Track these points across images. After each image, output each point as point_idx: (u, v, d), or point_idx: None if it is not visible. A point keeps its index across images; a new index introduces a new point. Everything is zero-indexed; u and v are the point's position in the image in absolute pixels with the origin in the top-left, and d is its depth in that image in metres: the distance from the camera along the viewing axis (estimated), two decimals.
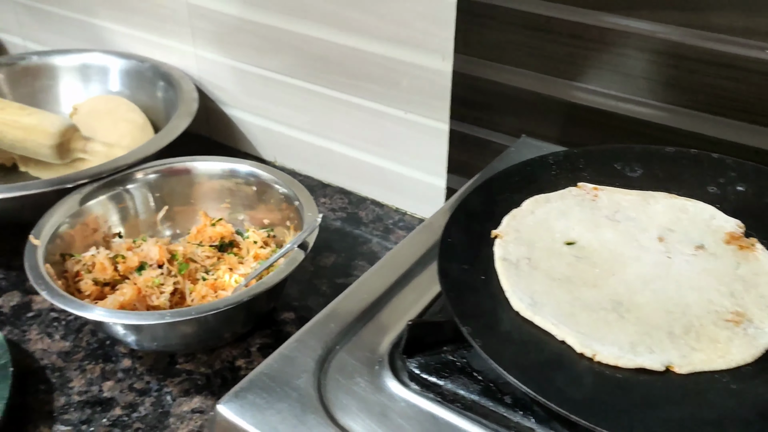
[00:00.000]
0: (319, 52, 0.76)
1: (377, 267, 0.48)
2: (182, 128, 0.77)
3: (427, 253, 0.49)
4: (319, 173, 0.87)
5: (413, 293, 0.45)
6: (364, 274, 0.47)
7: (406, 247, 0.50)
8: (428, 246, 0.49)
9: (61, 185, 0.69)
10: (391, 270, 0.47)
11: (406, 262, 0.48)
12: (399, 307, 0.44)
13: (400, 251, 0.49)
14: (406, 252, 0.49)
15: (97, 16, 0.94)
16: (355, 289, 0.45)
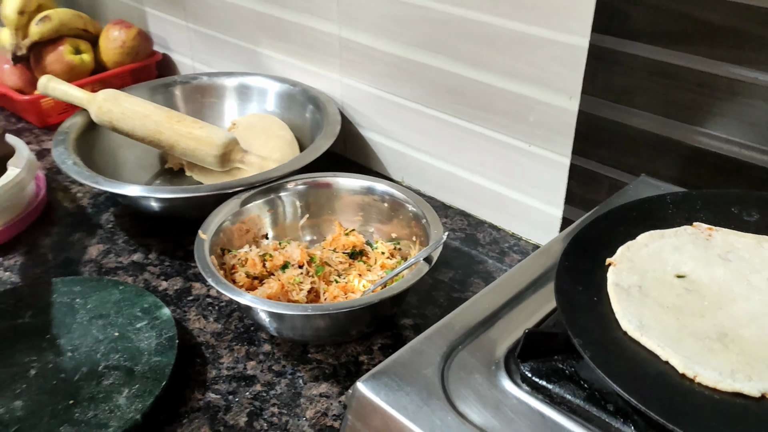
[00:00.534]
0: (452, 85, 0.84)
1: (499, 281, 0.53)
2: (326, 147, 0.87)
3: (544, 274, 0.54)
4: (442, 195, 0.94)
5: (529, 308, 0.51)
6: (488, 287, 0.53)
7: (525, 267, 0.55)
8: (545, 268, 0.55)
9: (222, 190, 0.80)
10: (510, 285, 0.53)
11: (524, 280, 0.53)
12: (516, 319, 0.50)
13: (520, 270, 0.55)
14: (525, 271, 0.55)
15: (259, 44, 1.06)
16: (478, 299, 0.51)
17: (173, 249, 0.85)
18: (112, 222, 0.90)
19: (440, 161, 0.91)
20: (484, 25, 0.77)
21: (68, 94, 0.95)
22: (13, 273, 0.81)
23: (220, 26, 1.11)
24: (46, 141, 1.09)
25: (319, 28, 0.95)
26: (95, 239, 0.87)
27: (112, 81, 1.16)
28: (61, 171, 0.98)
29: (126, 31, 1.16)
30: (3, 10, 1.09)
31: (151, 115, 0.91)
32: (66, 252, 0.85)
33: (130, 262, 0.83)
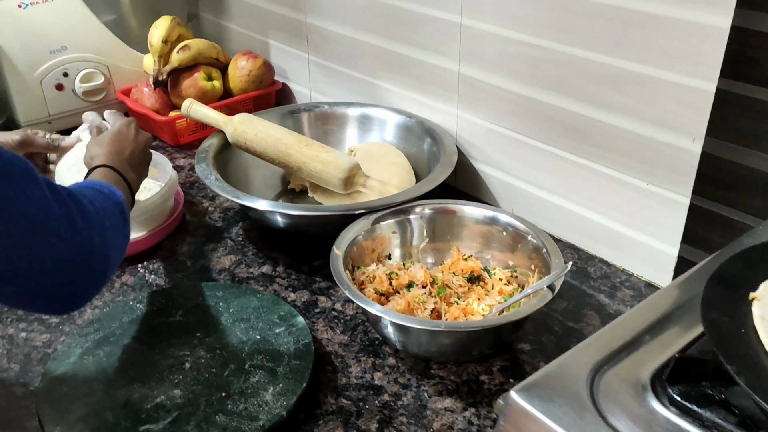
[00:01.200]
0: (570, 122, 0.88)
1: (639, 308, 0.57)
2: (443, 177, 0.92)
3: (680, 306, 0.57)
4: (551, 228, 0.97)
5: (669, 336, 0.54)
6: (628, 312, 0.56)
7: (661, 298, 0.58)
8: (681, 301, 0.57)
9: (349, 211, 0.86)
10: (649, 313, 0.56)
11: (661, 309, 0.56)
12: (658, 345, 0.53)
13: (657, 300, 0.58)
14: (661, 302, 0.57)
15: (377, 77, 1.14)
16: (621, 322, 0.55)
17: (298, 264, 0.92)
18: (242, 235, 0.98)
19: (552, 195, 0.95)
20: (608, 67, 0.81)
21: (207, 116, 1.04)
22: (157, 276, 0.89)
23: (340, 59, 1.19)
24: (179, 158, 1.18)
25: (440, 65, 1.01)
26: (227, 250, 0.94)
27: (237, 106, 1.26)
28: (201, 185, 1.07)
29: (252, 61, 1.26)
30: (150, 38, 1.20)
31: (283, 138, 0.98)
32: (202, 260, 0.92)
33: (260, 273, 0.90)
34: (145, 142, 0.85)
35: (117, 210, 0.67)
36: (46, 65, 1.18)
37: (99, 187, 0.67)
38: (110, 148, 0.79)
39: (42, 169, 0.92)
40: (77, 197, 0.60)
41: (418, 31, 1.02)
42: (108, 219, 0.63)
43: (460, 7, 0.94)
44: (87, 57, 1.22)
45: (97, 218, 0.61)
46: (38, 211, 0.54)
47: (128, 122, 0.85)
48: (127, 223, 0.69)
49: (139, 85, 1.25)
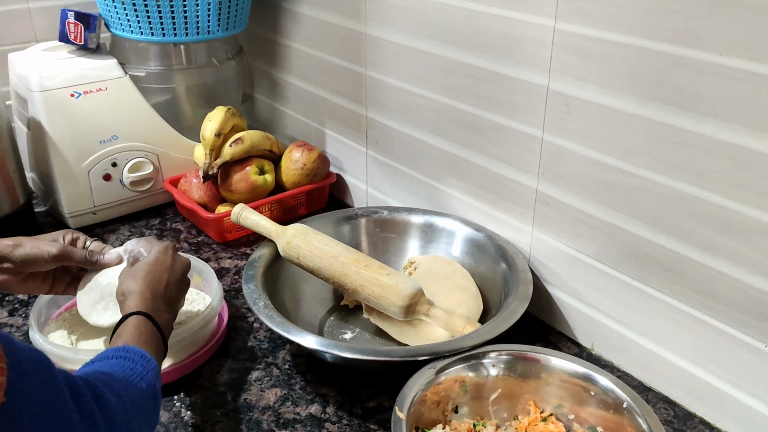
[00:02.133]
0: (669, 262, 0.76)
1: None
2: (521, 313, 0.81)
3: None
4: (638, 373, 0.85)
5: None
6: None
7: None
8: None
9: (411, 357, 0.75)
10: None
11: None
12: None
13: None
14: None
15: (443, 182, 1.04)
16: None
17: (350, 404, 0.82)
18: (289, 362, 0.88)
19: (641, 337, 0.83)
20: (721, 209, 0.70)
21: (259, 225, 0.96)
22: (194, 413, 0.80)
23: (402, 158, 1.11)
24: (224, 258, 1.11)
25: (515, 179, 0.92)
26: (272, 381, 0.85)
27: (288, 201, 1.18)
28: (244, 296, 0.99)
29: (308, 154, 1.18)
30: (203, 131, 1.14)
31: (339, 256, 0.89)
32: (244, 393, 0.83)
33: (307, 415, 0.80)
34: (182, 271, 0.78)
35: (149, 394, 0.59)
36: (95, 155, 1.13)
37: (131, 368, 0.60)
38: (145, 282, 0.72)
39: (75, 276, 0.85)
40: (104, 400, 0.52)
41: (492, 140, 0.93)
42: (137, 414, 0.55)
43: (542, 122, 0.85)
44: (137, 146, 1.16)
45: (124, 421, 0.52)
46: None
47: (165, 248, 0.78)
48: (157, 407, 0.63)
49: (188, 176, 1.19)
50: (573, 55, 0.78)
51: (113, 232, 1.18)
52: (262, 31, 1.34)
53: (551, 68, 0.82)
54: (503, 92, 0.89)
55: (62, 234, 0.83)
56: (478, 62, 0.91)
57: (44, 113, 1.08)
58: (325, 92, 1.23)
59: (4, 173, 1.04)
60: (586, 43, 0.77)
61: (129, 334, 0.66)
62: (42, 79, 1.07)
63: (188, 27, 1.14)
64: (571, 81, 0.80)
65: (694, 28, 0.67)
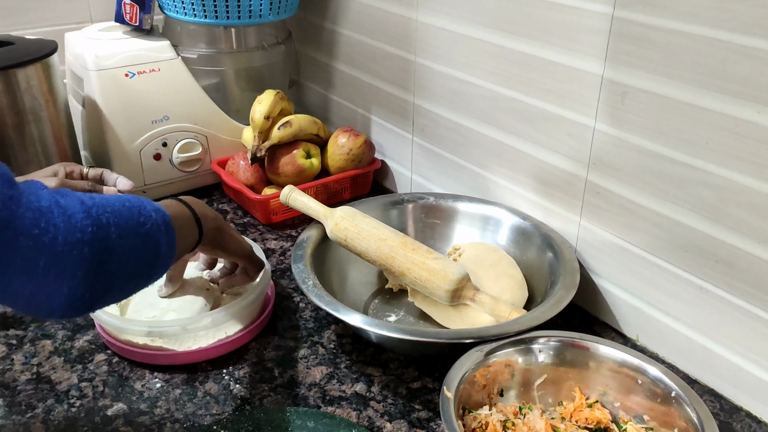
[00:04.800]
0: (723, 254, 0.76)
1: None
2: (567, 300, 0.81)
3: None
4: (685, 365, 0.84)
5: None
6: None
7: None
8: None
9: (458, 339, 0.76)
10: None
11: None
12: None
13: None
14: None
15: (489, 170, 1.05)
16: None
17: (396, 384, 0.83)
18: (334, 342, 0.90)
19: (689, 329, 0.82)
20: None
21: (307, 206, 0.97)
22: (242, 386, 0.82)
23: (448, 145, 1.11)
24: (270, 239, 1.12)
25: (564, 168, 0.91)
26: (318, 359, 0.86)
27: (334, 185, 1.20)
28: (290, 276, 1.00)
29: (354, 140, 1.20)
30: (252, 113, 1.16)
31: (387, 239, 0.90)
32: (291, 370, 0.85)
33: (353, 393, 0.81)
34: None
35: (145, 222, 0.58)
36: (147, 134, 1.15)
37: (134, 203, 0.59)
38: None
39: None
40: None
41: (542, 129, 0.93)
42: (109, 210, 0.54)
43: (595, 111, 0.85)
44: (187, 127, 1.19)
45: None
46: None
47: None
48: (156, 237, 0.60)
49: (235, 158, 1.21)
50: (631, 43, 0.78)
51: None
52: (311, 16, 1.35)
53: (607, 56, 0.81)
54: (556, 80, 0.89)
55: (57, 167, 0.83)
56: (531, 50, 0.91)
57: (99, 92, 1.11)
58: (373, 79, 1.23)
59: (60, 148, 1.07)
60: (645, 31, 0.76)
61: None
62: (98, 59, 1.10)
63: (240, 10, 1.15)
64: (628, 70, 0.79)
65: (758, 16, 0.66)
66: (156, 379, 0.83)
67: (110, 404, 0.79)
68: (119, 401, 0.79)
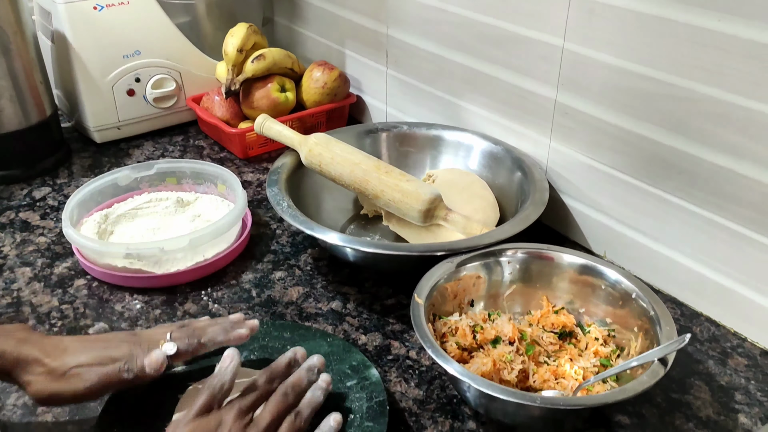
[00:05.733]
0: (686, 166, 0.78)
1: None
2: (535, 217, 0.83)
3: None
4: (649, 277, 0.87)
5: None
6: None
7: None
8: None
9: (430, 252, 0.78)
10: None
11: None
12: None
13: None
14: None
15: (461, 98, 1.06)
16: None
17: (370, 301, 0.85)
18: (311, 264, 0.92)
19: (653, 241, 0.85)
20: (737, 108, 0.71)
21: (282, 134, 0.98)
22: (221, 306, 0.84)
23: (422, 75, 1.12)
24: (247, 173, 1.13)
25: (534, 90, 0.93)
26: (295, 280, 0.88)
27: (309, 119, 1.20)
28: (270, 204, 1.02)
29: (328, 73, 1.20)
30: (225, 46, 1.16)
31: (361, 163, 0.91)
32: (268, 290, 0.87)
33: (329, 310, 0.83)
34: None
35: None
36: (119, 70, 1.15)
37: None
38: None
39: None
40: None
41: (512, 53, 0.94)
42: None
43: (563, 30, 0.86)
44: (160, 62, 1.18)
45: None
46: None
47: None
48: None
49: (210, 93, 1.20)
50: None
51: (138, 147, 1.20)
52: None
53: None
54: (524, 1, 0.89)
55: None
56: None
57: (68, 26, 1.10)
58: (346, 11, 1.23)
59: (30, 83, 1.06)
60: None
61: None
62: None
63: None
64: None
65: None
66: (136, 300, 0.85)
67: (91, 323, 0.81)
68: (100, 321, 0.81)
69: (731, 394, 0.72)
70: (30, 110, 1.07)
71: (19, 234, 0.97)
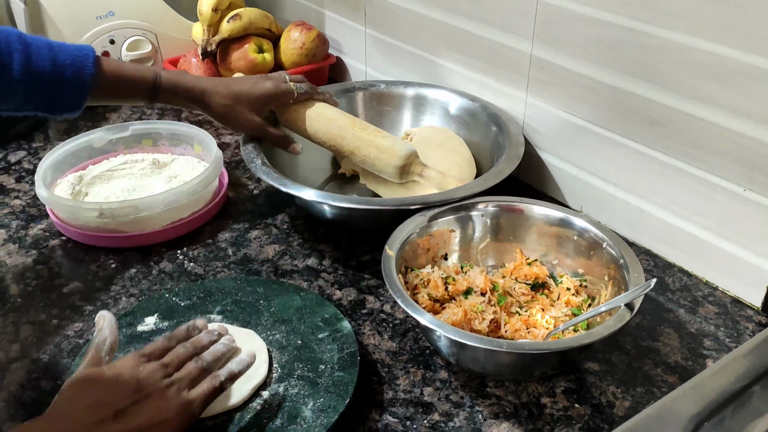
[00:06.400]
0: (657, 116, 0.78)
1: (743, 350, 0.48)
2: (509, 171, 0.83)
3: None
4: (624, 230, 0.87)
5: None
6: (728, 355, 0.48)
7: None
8: None
9: (405, 206, 0.78)
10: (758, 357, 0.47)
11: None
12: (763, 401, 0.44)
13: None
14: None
15: (439, 55, 1.05)
16: (725, 366, 0.46)
17: (346, 258, 0.85)
18: (287, 223, 0.92)
19: (628, 194, 0.85)
20: (709, 55, 0.70)
21: None
22: (197, 264, 0.84)
23: (400, 34, 1.11)
24: (225, 134, 1.13)
25: (510, 45, 0.92)
26: (271, 239, 0.89)
27: None
28: (245, 167, 1.01)
29: (306, 33, 1.18)
30: (199, 5, 1.14)
31: (336, 119, 0.91)
32: (244, 248, 0.87)
33: (304, 267, 0.84)
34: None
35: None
36: (93, 31, 1.13)
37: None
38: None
39: None
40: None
41: (487, 7, 0.93)
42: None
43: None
44: (135, 24, 1.17)
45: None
46: None
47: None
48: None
49: (187, 55, 1.19)
50: None
51: (114, 110, 1.19)
52: None
53: None
54: None
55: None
56: None
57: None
58: None
59: None
60: None
61: None
62: None
63: None
64: None
65: None
66: (111, 260, 0.85)
67: (66, 283, 0.81)
68: (75, 280, 0.81)
69: (700, 340, 0.72)
70: None
71: None
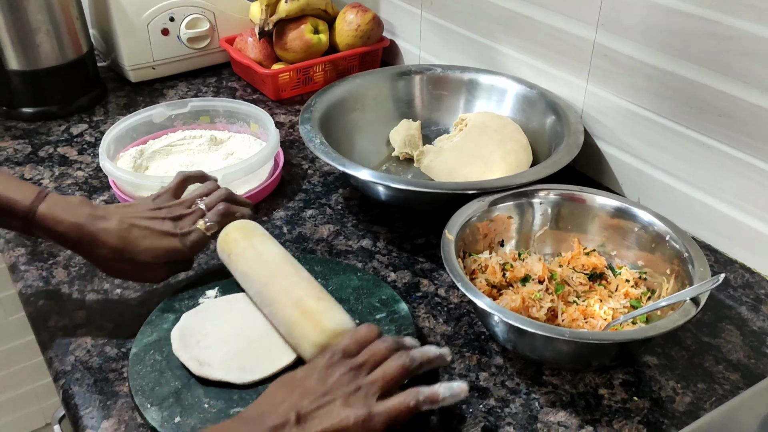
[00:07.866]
0: (726, 107, 0.76)
1: None
2: (568, 160, 0.82)
3: None
4: (683, 223, 0.85)
5: None
6: None
7: None
8: None
9: (461, 190, 0.78)
10: None
11: None
12: None
13: None
14: None
15: (495, 40, 1.04)
16: None
17: (400, 240, 0.86)
18: (342, 204, 0.92)
19: (689, 187, 0.84)
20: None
21: None
22: None
23: (456, 18, 1.10)
24: (279, 114, 1.13)
25: (572, 31, 0.91)
26: (326, 219, 0.89)
27: (341, 63, 1.19)
28: (302, 145, 1.02)
29: (362, 15, 1.18)
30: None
31: (270, 262, 0.70)
32: (299, 227, 0.88)
33: (359, 248, 0.84)
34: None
35: None
36: (154, 8, 1.15)
37: None
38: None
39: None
40: None
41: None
42: None
43: None
44: (194, 2, 1.18)
45: None
46: None
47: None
48: None
49: (243, 35, 1.20)
50: None
51: (171, 87, 1.21)
52: None
53: None
54: None
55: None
56: None
57: None
58: None
59: (67, 18, 1.07)
60: None
61: None
62: None
63: None
64: None
65: None
66: None
67: None
68: None
69: (763, 339, 0.71)
70: (66, 46, 1.08)
71: (58, 168, 0.99)
